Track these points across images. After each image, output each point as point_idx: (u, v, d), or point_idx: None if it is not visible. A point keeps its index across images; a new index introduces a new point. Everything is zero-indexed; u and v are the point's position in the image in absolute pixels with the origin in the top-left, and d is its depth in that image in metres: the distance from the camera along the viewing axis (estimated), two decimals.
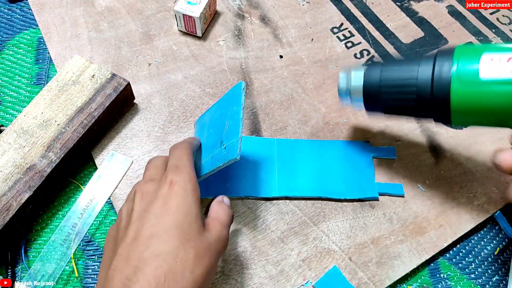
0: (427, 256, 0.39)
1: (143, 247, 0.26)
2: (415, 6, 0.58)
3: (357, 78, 0.35)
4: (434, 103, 0.29)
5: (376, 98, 0.34)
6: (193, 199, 0.29)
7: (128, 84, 0.43)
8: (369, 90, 0.34)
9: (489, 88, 0.25)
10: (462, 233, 0.41)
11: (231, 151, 0.32)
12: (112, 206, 0.41)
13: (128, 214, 0.30)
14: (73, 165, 0.41)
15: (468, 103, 0.27)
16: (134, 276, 0.25)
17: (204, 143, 0.39)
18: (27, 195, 0.36)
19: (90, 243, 0.39)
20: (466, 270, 0.40)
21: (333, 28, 0.55)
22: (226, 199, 0.34)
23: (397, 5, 0.58)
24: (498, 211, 0.42)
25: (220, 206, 0.33)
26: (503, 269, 0.41)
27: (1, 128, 0.42)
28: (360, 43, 0.53)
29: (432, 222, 0.41)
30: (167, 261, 0.26)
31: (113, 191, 0.39)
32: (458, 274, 0.40)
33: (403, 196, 0.42)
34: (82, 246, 0.39)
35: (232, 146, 0.32)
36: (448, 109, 0.28)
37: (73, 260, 0.38)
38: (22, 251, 0.38)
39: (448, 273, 0.40)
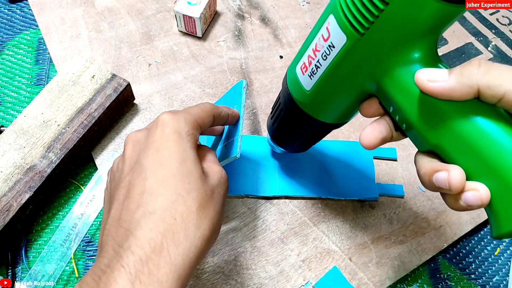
0: (427, 257, 0.39)
1: (135, 206, 0.23)
2: None
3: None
4: (298, 117, 0.31)
5: (275, 133, 0.36)
6: (189, 144, 0.25)
7: (128, 85, 0.43)
8: (269, 130, 0.37)
9: (319, 91, 0.27)
10: (462, 234, 0.41)
11: (231, 149, 0.32)
12: None
13: (119, 169, 0.26)
14: (73, 166, 0.41)
15: (317, 107, 0.29)
16: (125, 241, 0.21)
17: (205, 142, 0.39)
18: (27, 196, 0.36)
19: (90, 243, 0.39)
20: (466, 270, 0.40)
21: None
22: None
23: None
24: None
25: (204, 149, 0.29)
26: (503, 269, 0.41)
27: (1, 128, 0.42)
28: None
29: (432, 223, 0.41)
30: (164, 219, 0.22)
31: None
32: (459, 274, 0.40)
33: (403, 197, 0.42)
34: (82, 246, 0.39)
35: (232, 144, 0.32)
36: (311, 118, 0.30)
37: (73, 261, 0.38)
38: (23, 251, 0.38)
39: (448, 273, 0.40)
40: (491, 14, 0.60)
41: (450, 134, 0.21)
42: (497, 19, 0.59)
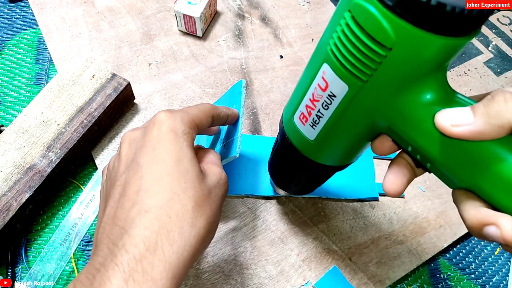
0: (427, 257, 0.39)
1: (130, 204, 0.23)
2: None
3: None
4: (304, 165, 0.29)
5: (277, 177, 0.35)
6: (185, 143, 0.25)
7: (128, 84, 0.43)
8: (270, 173, 0.36)
9: (324, 139, 0.25)
10: (462, 233, 0.41)
11: (230, 149, 0.32)
12: None
13: (115, 167, 0.26)
14: (73, 165, 0.41)
15: (323, 154, 0.27)
16: (120, 239, 0.21)
17: (205, 142, 0.39)
18: (27, 195, 0.36)
19: (90, 243, 0.39)
20: (466, 270, 0.40)
21: None
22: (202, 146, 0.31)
23: None
24: None
25: (207, 151, 0.29)
26: (503, 269, 0.41)
27: (1, 128, 0.42)
28: None
29: (432, 223, 0.41)
30: (159, 217, 0.22)
31: None
32: (458, 274, 0.40)
33: (403, 197, 0.42)
34: (82, 246, 0.39)
35: (231, 144, 0.32)
36: (317, 163, 0.28)
37: (73, 260, 0.38)
38: (22, 251, 0.38)
39: (448, 273, 0.40)
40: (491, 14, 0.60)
41: (487, 174, 0.19)
42: (498, 19, 0.59)
